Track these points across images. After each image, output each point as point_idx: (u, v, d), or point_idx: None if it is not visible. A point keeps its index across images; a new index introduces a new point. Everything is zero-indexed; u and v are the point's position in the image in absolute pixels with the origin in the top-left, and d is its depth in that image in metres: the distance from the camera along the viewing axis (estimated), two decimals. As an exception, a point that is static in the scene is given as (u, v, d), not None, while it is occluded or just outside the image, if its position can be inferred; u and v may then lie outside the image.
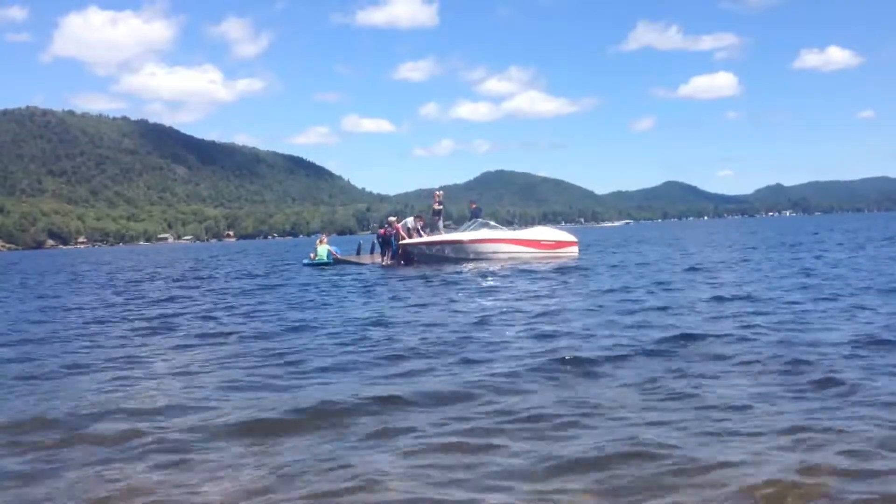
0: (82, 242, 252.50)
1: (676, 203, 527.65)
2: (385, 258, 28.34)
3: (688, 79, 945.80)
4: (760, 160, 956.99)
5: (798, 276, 16.64)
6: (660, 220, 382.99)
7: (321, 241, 32.07)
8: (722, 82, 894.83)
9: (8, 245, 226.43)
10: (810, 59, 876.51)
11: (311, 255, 31.11)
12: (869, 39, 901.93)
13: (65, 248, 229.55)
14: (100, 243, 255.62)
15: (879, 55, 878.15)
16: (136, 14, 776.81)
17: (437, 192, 29.80)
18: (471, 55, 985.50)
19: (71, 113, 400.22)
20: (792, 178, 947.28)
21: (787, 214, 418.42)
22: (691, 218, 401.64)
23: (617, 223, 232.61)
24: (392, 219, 30.07)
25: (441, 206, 29.54)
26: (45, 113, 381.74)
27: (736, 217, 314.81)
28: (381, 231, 29.75)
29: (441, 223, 28.96)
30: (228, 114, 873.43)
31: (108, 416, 5.98)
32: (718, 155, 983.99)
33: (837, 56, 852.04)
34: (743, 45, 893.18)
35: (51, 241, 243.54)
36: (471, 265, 24.60)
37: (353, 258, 31.41)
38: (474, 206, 29.87)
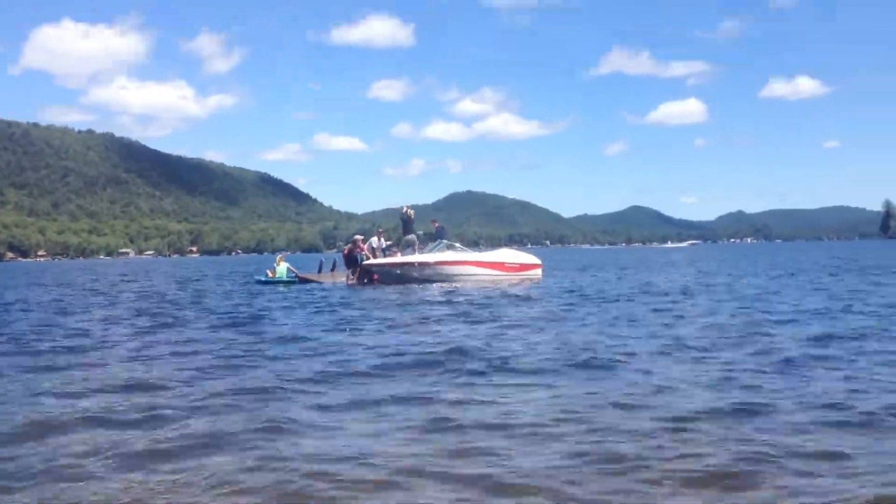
0: (42, 255, 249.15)
1: (641, 228, 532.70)
2: (351, 277, 28.21)
3: (657, 105, 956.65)
4: (724, 187, 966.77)
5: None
6: (623, 245, 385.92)
7: (280, 260, 31.86)
8: (691, 109, 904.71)
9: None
10: (778, 87, 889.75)
11: (269, 272, 30.87)
12: (837, 70, 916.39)
13: (24, 260, 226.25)
14: (60, 256, 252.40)
15: (847, 85, 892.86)
16: (109, 27, 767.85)
17: (409, 211, 29.15)
18: (445, 76, 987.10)
19: (35, 125, 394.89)
20: (754, 206, 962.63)
21: (749, 241, 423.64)
22: (655, 243, 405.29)
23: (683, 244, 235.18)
24: (358, 237, 29.99)
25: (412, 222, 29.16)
26: (9, 125, 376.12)
27: (698, 242, 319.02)
28: (346, 249, 29.65)
29: (416, 239, 28.64)
30: (199, 129, 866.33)
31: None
32: (684, 181, 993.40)
33: (806, 86, 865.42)
34: (713, 72, 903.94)
35: (10, 254, 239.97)
36: (435, 286, 24.59)
37: (314, 276, 31.22)
38: (437, 225, 29.75)
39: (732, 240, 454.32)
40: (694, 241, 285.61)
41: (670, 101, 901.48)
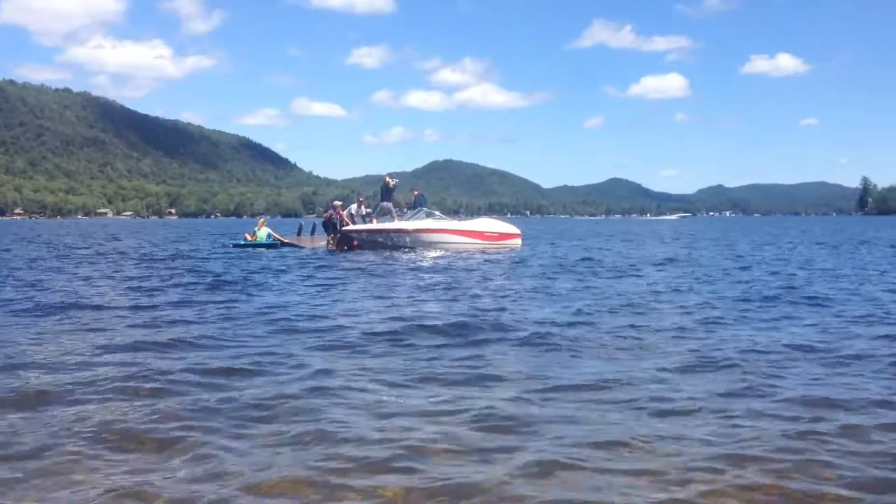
0: (19, 214, 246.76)
1: (621, 200, 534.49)
2: (331, 242, 28.30)
3: (639, 78, 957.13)
4: (704, 161, 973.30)
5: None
6: (602, 217, 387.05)
7: (262, 224, 31.80)
8: (672, 84, 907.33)
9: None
10: (760, 64, 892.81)
11: (248, 235, 30.66)
12: (818, 48, 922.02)
13: (1, 218, 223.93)
14: (37, 215, 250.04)
15: (828, 64, 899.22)
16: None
17: (391, 180, 29.16)
18: (426, 44, 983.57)
19: (11, 82, 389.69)
20: (733, 180, 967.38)
21: (728, 215, 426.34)
22: (634, 215, 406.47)
23: (672, 216, 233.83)
24: (337, 203, 30.07)
25: (392, 190, 29.14)
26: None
27: (687, 215, 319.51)
28: (327, 215, 29.71)
29: (393, 208, 28.65)
30: (176, 90, 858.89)
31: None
32: (664, 154, 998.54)
33: (786, 63, 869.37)
34: (695, 48, 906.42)
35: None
36: (412, 253, 24.77)
37: (294, 240, 31.26)
38: (416, 193, 29.78)
39: (712, 213, 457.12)
40: (684, 214, 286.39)
41: (652, 76, 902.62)
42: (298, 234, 33.22)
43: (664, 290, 13.80)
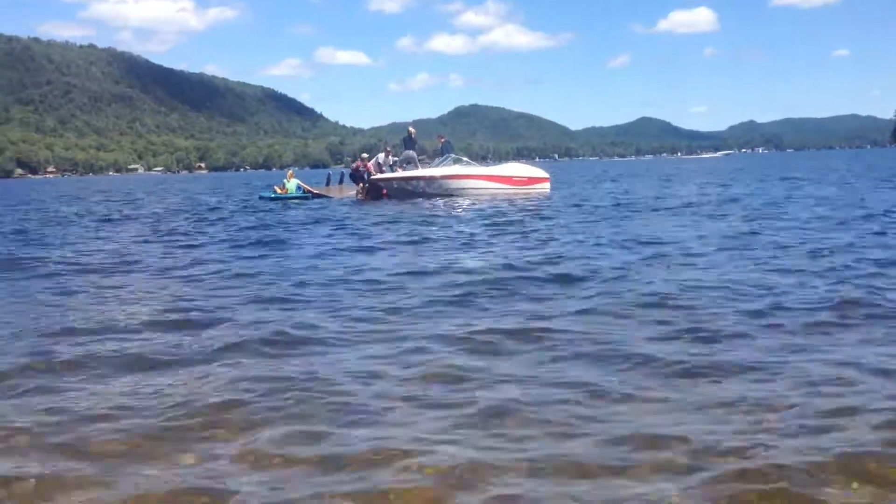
0: (51, 172, 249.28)
1: (650, 139, 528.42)
2: (360, 192, 28.47)
3: (667, 13, 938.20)
4: (735, 97, 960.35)
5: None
6: (633, 158, 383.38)
7: (290, 176, 31.94)
8: (701, 17, 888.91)
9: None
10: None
11: (277, 188, 30.74)
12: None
13: (33, 177, 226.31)
14: (69, 173, 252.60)
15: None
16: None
17: (410, 128, 29.61)
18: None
19: (37, 40, 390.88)
20: (765, 115, 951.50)
21: (760, 151, 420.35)
22: (665, 154, 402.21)
23: (717, 154, 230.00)
24: (364, 156, 30.21)
25: (414, 140, 29.38)
26: (9, 40, 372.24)
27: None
28: (354, 166, 29.87)
29: (416, 156, 28.79)
30: (199, 43, 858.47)
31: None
32: (693, 91, 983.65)
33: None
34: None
35: (19, 171, 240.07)
36: (443, 200, 24.85)
37: (323, 190, 31.44)
38: (443, 140, 29.79)
39: (743, 150, 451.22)
40: (728, 152, 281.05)
41: (680, 10, 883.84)
42: (327, 184, 33.44)
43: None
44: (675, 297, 7.22)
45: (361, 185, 28.43)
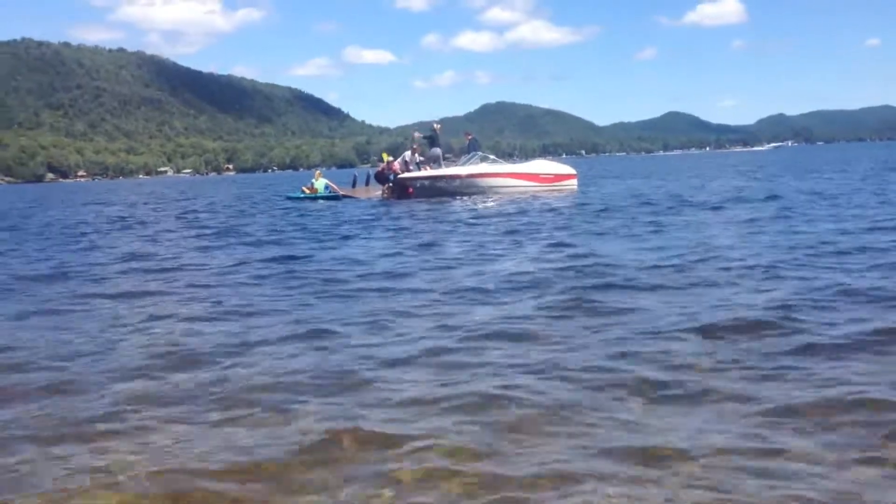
0: (82, 176, 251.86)
1: (678, 134, 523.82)
2: (384, 191, 28.47)
3: (694, 5, 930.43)
4: (763, 89, 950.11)
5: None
6: (661, 152, 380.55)
7: (318, 175, 32.01)
8: (728, 9, 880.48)
9: (7, 179, 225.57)
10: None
11: (305, 188, 30.87)
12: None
13: (64, 181, 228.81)
14: (99, 177, 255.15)
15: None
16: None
17: (436, 125, 29.41)
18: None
19: (67, 45, 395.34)
20: (794, 108, 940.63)
21: (790, 144, 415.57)
22: (693, 149, 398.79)
23: (764, 147, 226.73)
24: (389, 159, 30.07)
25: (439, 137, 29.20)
26: (40, 45, 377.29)
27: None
28: (380, 168, 29.93)
29: (442, 155, 28.64)
30: (227, 45, 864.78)
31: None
32: (722, 84, 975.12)
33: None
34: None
35: (50, 175, 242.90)
36: (468, 199, 24.73)
37: (349, 191, 31.44)
38: (470, 137, 29.67)
39: (773, 144, 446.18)
40: (778, 144, 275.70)
41: (706, 2, 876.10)
42: (353, 185, 33.41)
43: None
44: None
45: (386, 185, 28.46)
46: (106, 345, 6.27)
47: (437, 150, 28.34)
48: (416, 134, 29.87)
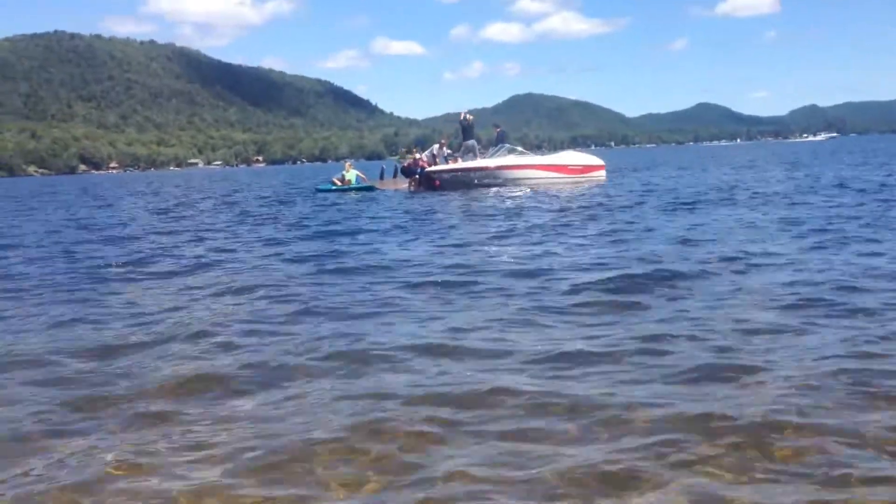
0: (114, 167, 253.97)
1: (709, 125, 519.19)
2: (411, 184, 28.48)
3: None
4: (796, 80, 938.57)
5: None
6: (691, 143, 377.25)
7: (349, 167, 32.09)
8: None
9: (41, 170, 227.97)
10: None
11: (336, 179, 30.88)
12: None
13: (97, 172, 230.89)
14: (131, 168, 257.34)
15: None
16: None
17: (469, 116, 28.61)
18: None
19: (98, 37, 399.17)
20: (827, 99, 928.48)
21: (823, 137, 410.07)
22: (724, 141, 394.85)
23: (817, 137, 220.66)
24: (417, 155, 29.89)
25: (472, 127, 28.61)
26: (72, 37, 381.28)
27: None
28: (408, 163, 29.93)
29: (475, 145, 28.11)
30: (257, 37, 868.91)
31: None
32: (753, 75, 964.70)
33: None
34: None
35: (83, 167, 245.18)
36: (496, 190, 24.74)
37: (377, 184, 31.52)
38: (499, 129, 29.63)
39: (805, 135, 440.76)
40: (833, 135, 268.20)
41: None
42: (381, 178, 33.42)
43: None
44: None
45: (413, 179, 28.42)
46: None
47: (473, 142, 28.04)
48: (468, 116, 28.28)
